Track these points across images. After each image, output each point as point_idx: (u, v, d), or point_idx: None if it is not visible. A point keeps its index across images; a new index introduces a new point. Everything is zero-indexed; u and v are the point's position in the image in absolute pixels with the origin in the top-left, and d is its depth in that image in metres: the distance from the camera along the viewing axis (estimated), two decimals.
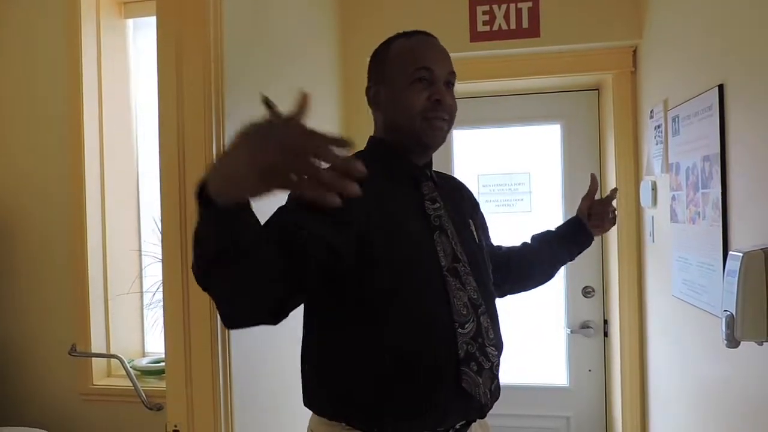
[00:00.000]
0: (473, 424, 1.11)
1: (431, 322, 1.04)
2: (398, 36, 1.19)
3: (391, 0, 2.40)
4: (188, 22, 1.35)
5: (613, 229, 2.40)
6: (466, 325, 1.05)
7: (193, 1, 1.35)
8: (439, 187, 1.19)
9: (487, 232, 1.35)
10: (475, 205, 1.32)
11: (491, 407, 1.11)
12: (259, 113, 0.75)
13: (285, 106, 0.73)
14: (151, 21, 2.31)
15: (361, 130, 2.51)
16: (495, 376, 1.08)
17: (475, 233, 1.19)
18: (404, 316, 1.03)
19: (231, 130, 1.42)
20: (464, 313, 1.05)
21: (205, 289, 0.86)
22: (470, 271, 1.10)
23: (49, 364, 2.28)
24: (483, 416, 1.11)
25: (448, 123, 1.14)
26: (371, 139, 1.23)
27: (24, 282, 2.30)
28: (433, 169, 1.24)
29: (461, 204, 1.24)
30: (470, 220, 1.20)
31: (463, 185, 1.33)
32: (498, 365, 1.09)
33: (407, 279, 1.04)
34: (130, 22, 2.47)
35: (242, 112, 1.51)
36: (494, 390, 1.08)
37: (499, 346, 1.12)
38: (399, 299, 1.03)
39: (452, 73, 1.15)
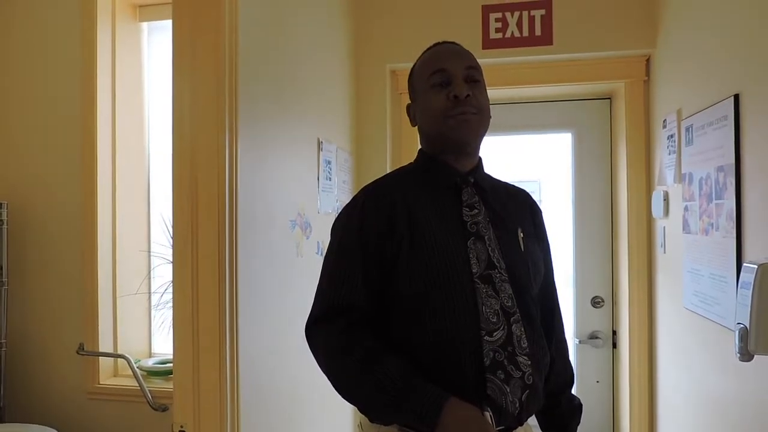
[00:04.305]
0: (518, 428, 1.09)
1: (457, 329, 1.03)
2: (423, 52, 1.23)
3: (405, 6, 2.41)
4: (203, 25, 1.36)
5: (624, 239, 2.39)
6: (495, 333, 1.04)
7: (208, 5, 1.36)
8: (486, 192, 1.18)
9: (544, 244, 1.26)
10: (535, 214, 1.27)
11: (528, 416, 1.09)
12: (272, 120, 0.75)
13: (294, 107, 0.73)
14: (166, 24, 2.34)
15: (370, 136, 2.53)
16: (527, 386, 1.05)
17: (521, 241, 1.16)
18: (431, 322, 1.04)
19: (243, 133, 1.43)
20: (494, 321, 1.04)
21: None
22: (507, 278, 1.09)
23: (57, 362, 2.29)
24: (520, 423, 1.09)
25: (478, 116, 1.14)
26: (418, 151, 1.25)
27: (34, 281, 2.32)
28: (490, 175, 1.24)
29: (514, 211, 1.21)
30: (519, 228, 1.18)
31: (523, 193, 1.30)
32: (531, 375, 1.06)
33: (434, 285, 1.05)
34: (145, 25, 2.50)
35: (255, 115, 1.51)
36: (526, 400, 1.05)
37: (535, 356, 1.08)
38: (427, 305, 1.05)
39: (472, 67, 1.15)
